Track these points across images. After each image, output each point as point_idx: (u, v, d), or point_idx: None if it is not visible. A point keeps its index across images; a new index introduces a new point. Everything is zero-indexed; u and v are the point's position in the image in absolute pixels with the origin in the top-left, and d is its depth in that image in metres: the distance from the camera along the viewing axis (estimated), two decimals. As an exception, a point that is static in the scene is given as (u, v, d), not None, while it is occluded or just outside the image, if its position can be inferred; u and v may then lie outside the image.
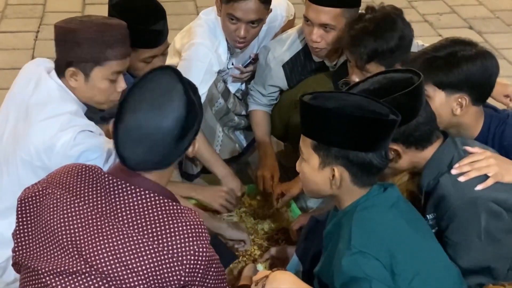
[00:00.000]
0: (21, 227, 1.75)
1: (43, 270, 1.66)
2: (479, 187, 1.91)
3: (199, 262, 1.65)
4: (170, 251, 1.63)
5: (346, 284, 1.71)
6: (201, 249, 1.66)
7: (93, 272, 1.63)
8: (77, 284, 1.63)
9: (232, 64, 2.99)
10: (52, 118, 2.12)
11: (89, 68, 2.14)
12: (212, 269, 1.71)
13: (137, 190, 1.68)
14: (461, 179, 1.93)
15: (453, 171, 1.94)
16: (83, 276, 1.63)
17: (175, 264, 1.63)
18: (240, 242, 2.57)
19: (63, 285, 1.64)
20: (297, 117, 2.83)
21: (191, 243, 1.65)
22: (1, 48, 4.37)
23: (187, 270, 1.64)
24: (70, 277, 1.64)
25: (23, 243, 1.74)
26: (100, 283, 1.62)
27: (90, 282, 1.63)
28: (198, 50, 2.75)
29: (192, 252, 1.64)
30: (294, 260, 2.20)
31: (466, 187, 1.92)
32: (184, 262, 1.64)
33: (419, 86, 1.89)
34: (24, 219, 1.75)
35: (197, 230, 1.67)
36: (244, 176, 2.96)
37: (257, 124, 3.02)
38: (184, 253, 1.64)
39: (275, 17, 2.97)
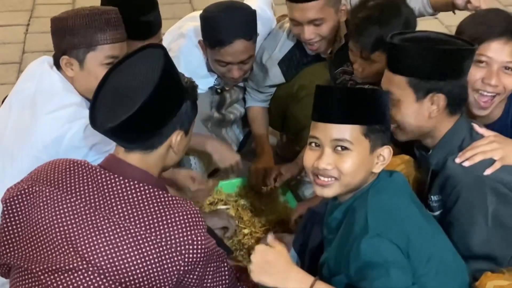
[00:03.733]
0: (9, 228, 1.73)
1: (38, 269, 1.64)
2: (487, 172, 1.89)
3: (198, 251, 1.65)
4: (169, 242, 1.62)
5: (362, 269, 1.67)
6: (199, 238, 1.65)
7: (90, 268, 1.61)
8: (74, 281, 1.61)
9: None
10: (59, 110, 2.12)
11: (82, 54, 2.14)
12: (214, 259, 1.71)
13: (129, 182, 1.67)
14: (466, 164, 1.91)
15: (457, 160, 1.92)
16: (80, 273, 1.61)
17: (174, 254, 1.63)
18: (225, 229, 2.51)
19: (60, 282, 1.62)
20: (294, 108, 2.84)
21: (188, 233, 1.64)
22: (-9, 42, 4.33)
23: (186, 260, 1.64)
24: (66, 274, 1.62)
25: (13, 243, 1.71)
26: (98, 278, 1.61)
27: (88, 278, 1.61)
28: None
29: (190, 241, 1.64)
30: (291, 254, 2.17)
31: (474, 168, 1.90)
32: (183, 252, 1.63)
33: (474, 50, 1.94)
34: (12, 219, 1.73)
35: (193, 219, 1.66)
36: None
37: (254, 121, 3.00)
38: (182, 243, 1.63)
39: (267, 21, 2.90)
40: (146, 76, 1.66)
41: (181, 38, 2.79)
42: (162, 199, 1.67)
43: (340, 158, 1.74)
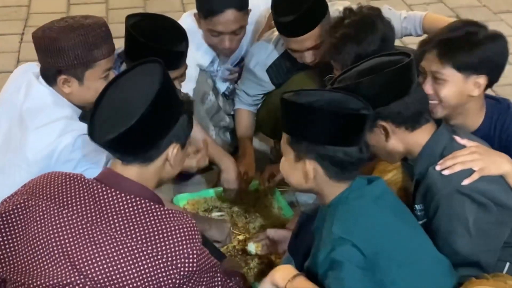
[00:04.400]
0: (5, 242, 1.72)
1: (35, 284, 1.64)
2: (465, 182, 1.91)
3: (193, 265, 1.66)
4: (164, 256, 1.63)
5: (326, 272, 1.74)
6: (194, 252, 1.66)
7: (88, 282, 1.61)
8: None
9: (220, 67, 2.99)
10: (49, 125, 2.12)
11: (80, 73, 2.15)
12: (207, 269, 1.72)
13: (126, 196, 1.67)
14: (446, 172, 1.93)
15: (437, 167, 1.95)
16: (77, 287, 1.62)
17: (170, 268, 1.63)
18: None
19: None
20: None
21: (184, 246, 1.65)
22: (-14, 52, 4.34)
23: (181, 273, 1.64)
24: None
25: (9, 258, 1.71)
26: None
27: None
28: None
29: (186, 255, 1.65)
30: (286, 256, 2.20)
31: (453, 178, 1.92)
32: (179, 265, 1.64)
33: (407, 64, 1.93)
34: (8, 233, 1.72)
35: (189, 232, 1.67)
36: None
37: (240, 123, 3.04)
38: (178, 257, 1.64)
39: (258, 12, 2.95)
40: (144, 90, 1.68)
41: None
42: (158, 213, 1.68)
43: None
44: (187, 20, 2.85)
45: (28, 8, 4.92)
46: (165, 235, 1.64)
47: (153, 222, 1.65)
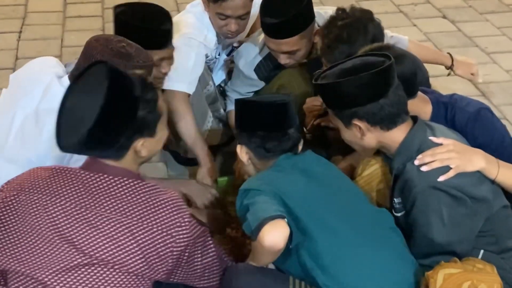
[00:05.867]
0: (3, 235, 1.78)
1: (42, 272, 1.72)
2: (441, 179, 1.98)
3: (186, 232, 1.77)
4: (160, 227, 1.75)
5: (245, 219, 1.93)
6: (186, 220, 1.78)
7: (94, 261, 1.71)
8: (82, 276, 1.71)
9: (219, 55, 3.09)
10: None
11: None
12: (200, 235, 1.83)
13: (113, 178, 1.76)
14: (424, 168, 2.00)
15: (416, 162, 2.01)
16: (87, 267, 1.72)
17: (166, 238, 1.76)
18: None
19: (65, 281, 1.71)
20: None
21: (175, 216, 1.76)
22: (-16, 50, 4.40)
23: (177, 241, 1.77)
24: (72, 271, 1.71)
25: (9, 249, 1.77)
26: (103, 271, 1.72)
27: (95, 271, 1.72)
28: (188, 39, 2.83)
29: (178, 224, 1.76)
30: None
31: (430, 174, 2.00)
32: (174, 234, 1.76)
33: (386, 68, 2.00)
34: (4, 227, 1.79)
35: (177, 203, 1.79)
36: (228, 167, 3.03)
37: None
38: (171, 227, 1.75)
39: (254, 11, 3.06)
40: (92, 99, 1.70)
41: (186, 20, 2.92)
42: (146, 189, 1.78)
43: None
44: (197, 9, 2.95)
45: (25, 7, 4.96)
46: (156, 208, 1.75)
47: (143, 198, 1.76)
